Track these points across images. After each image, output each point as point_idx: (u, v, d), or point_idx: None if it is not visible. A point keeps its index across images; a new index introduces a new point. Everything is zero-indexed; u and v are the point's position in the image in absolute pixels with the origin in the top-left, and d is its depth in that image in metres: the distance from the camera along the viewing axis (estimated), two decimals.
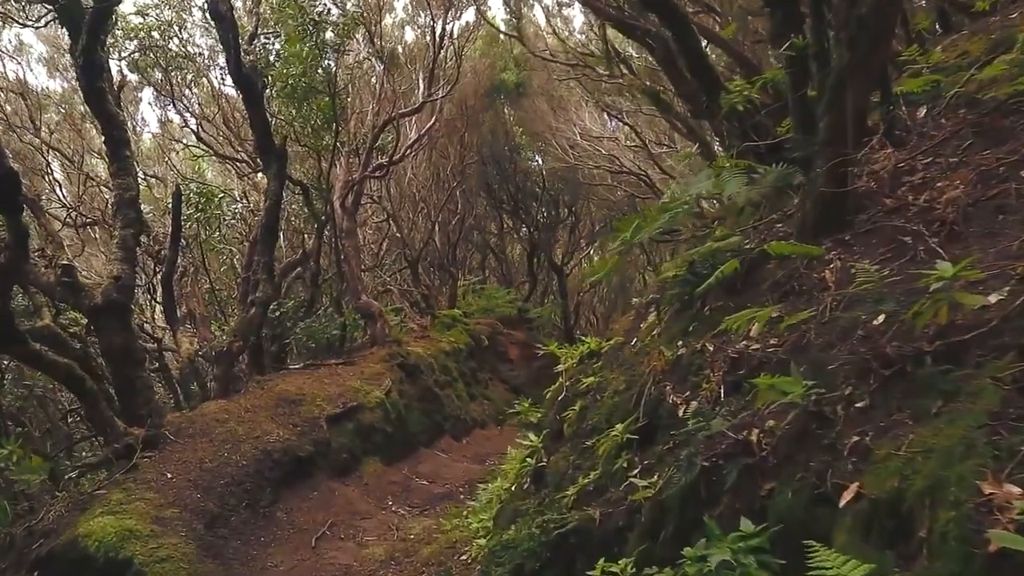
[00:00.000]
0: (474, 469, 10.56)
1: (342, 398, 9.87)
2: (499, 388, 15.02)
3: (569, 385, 6.66)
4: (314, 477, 8.90)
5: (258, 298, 10.06)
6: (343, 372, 10.62)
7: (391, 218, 14.57)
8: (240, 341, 9.80)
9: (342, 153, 12.04)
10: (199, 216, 12.89)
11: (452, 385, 12.59)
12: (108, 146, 9.14)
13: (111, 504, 6.99)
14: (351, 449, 9.53)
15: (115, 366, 8.58)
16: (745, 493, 3.18)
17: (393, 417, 10.32)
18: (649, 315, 6.33)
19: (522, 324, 17.58)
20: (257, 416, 9.05)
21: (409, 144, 12.90)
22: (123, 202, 9.01)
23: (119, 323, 8.50)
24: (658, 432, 4.33)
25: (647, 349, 5.54)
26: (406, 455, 10.47)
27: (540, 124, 17.57)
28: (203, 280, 13.71)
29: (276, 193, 10.03)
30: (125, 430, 8.02)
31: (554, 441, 6.37)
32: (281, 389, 9.73)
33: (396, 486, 9.48)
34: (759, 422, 3.24)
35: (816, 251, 3.88)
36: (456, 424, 12.12)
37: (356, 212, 12.44)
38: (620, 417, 4.83)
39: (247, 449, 8.43)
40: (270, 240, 10.26)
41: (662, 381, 4.61)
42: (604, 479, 4.54)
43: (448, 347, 12.97)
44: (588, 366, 6.63)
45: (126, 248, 8.89)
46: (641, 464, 4.21)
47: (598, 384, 5.98)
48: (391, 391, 10.49)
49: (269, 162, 10.03)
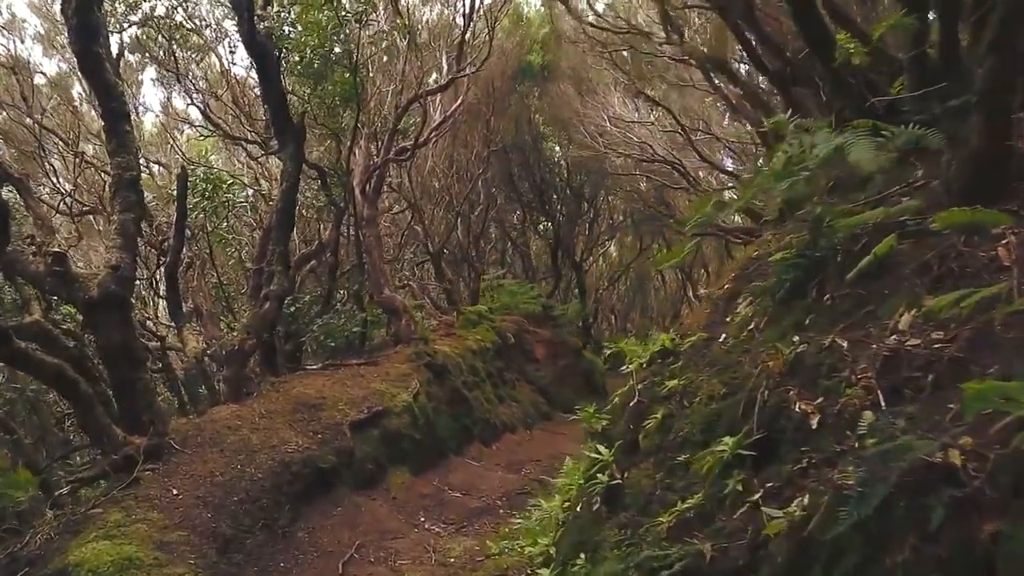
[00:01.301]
0: (510, 479, 9.58)
1: (366, 402, 8.89)
2: (525, 389, 14.04)
3: (642, 389, 5.70)
4: (337, 491, 7.93)
5: (273, 291, 9.09)
6: (366, 373, 9.64)
7: (412, 208, 13.58)
8: (253, 338, 8.83)
9: (362, 135, 11.05)
10: (205, 205, 11.92)
11: (480, 386, 11.61)
12: (106, 120, 8.16)
13: (108, 526, 6.04)
14: (377, 458, 8.55)
15: (113, 367, 7.60)
16: (951, 536, 2.27)
17: (421, 422, 9.34)
18: (737, 306, 5.37)
19: (546, 322, 16.59)
20: (273, 422, 8.09)
21: (434, 126, 11.89)
22: (122, 183, 8.02)
23: (118, 318, 7.52)
24: (781, 447, 3.40)
25: (744, 346, 4.58)
26: (436, 464, 9.49)
27: (566, 110, 16.56)
28: (210, 274, 12.75)
29: (293, 175, 9.06)
30: (124, 439, 7.06)
31: (628, 455, 5.42)
32: (299, 392, 8.76)
33: (428, 500, 8.49)
34: (959, 441, 2.34)
35: (1006, 219, 2.93)
36: (485, 428, 11.13)
37: (378, 199, 11.47)
38: (724, 428, 3.92)
39: (263, 460, 7.47)
40: (286, 227, 9.28)
41: (781, 385, 3.65)
42: (709, 504, 3.61)
43: (475, 346, 11.98)
44: (664, 367, 5.65)
45: (126, 234, 7.91)
46: (762, 487, 3.27)
47: (684, 388, 5.01)
48: (419, 394, 9.51)
49: (285, 141, 9.05)
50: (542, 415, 13.72)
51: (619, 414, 5.93)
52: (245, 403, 8.45)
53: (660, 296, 29.38)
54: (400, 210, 15.36)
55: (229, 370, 8.63)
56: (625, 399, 5.86)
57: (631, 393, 5.77)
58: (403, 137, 12.21)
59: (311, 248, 11.99)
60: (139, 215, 8.19)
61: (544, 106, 16.85)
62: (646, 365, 5.94)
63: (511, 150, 17.02)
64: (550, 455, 11.20)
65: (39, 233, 8.02)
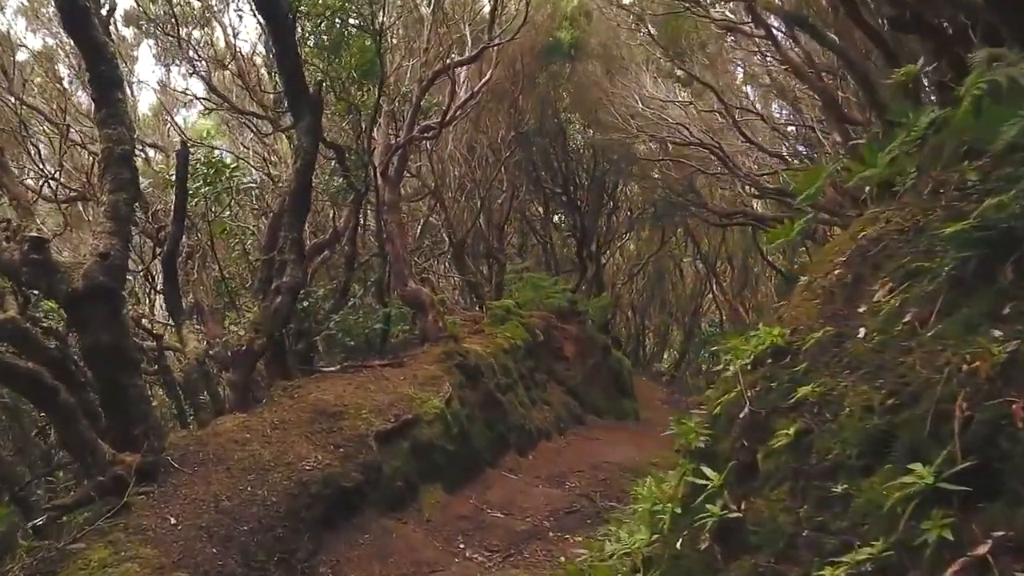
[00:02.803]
0: (554, 495, 8.46)
1: (393, 409, 7.78)
2: (556, 391, 12.91)
3: (755, 397, 4.59)
4: (363, 514, 6.82)
5: (285, 283, 7.97)
6: (391, 376, 8.52)
7: (433, 195, 12.44)
8: (263, 337, 7.71)
9: (383, 111, 9.92)
10: (207, 191, 10.79)
11: (513, 389, 10.49)
12: (95, 86, 7.02)
13: (92, 566, 5.00)
14: (407, 475, 7.44)
15: (101, 371, 6.50)
16: None
17: (455, 431, 8.22)
18: (870, 294, 4.26)
19: (573, 317, 15.44)
20: (287, 435, 6.98)
21: (461, 103, 10.76)
22: (113, 158, 6.91)
23: (107, 315, 6.40)
24: (1004, 479, 2.32)
25: (903, 343, 3.44)
26: (471, 478, 8.38)
27: (594, 91, 15.43)
28: (212, 267, 11.63)
29: (309, 152, 7.94)
30: (113, 457, 5.96)
31: (744, 480, 4.29)
32: (316, 399, 7.65)
33: (466, 522, 7.37)
34: None
35: None
36: (521, 436, 10.02)
37: (400, 182, 10.34)
38: (902, 451, 2.81)
39: (276, 480, 6.37)
40: (300, 211, 8.17)
41: (993, 394, 2.54)
42: (897, 554, 2.52)
43: (507, 344, 10.85)
44: (780, 370, 4.52)
45: (117, 217, 6.80)
46: (988, 535, 2.20)
47: (820, 397, 3.89)
48: (451, 398, 8.39)
49: (300, 113, 7.93)
50: (574, 419, 12.61)
51: (724, 428, 4.85)
52: (254, 412, 7.35)
53: (679, 292, 28.22)
54: (418, 198, 14.23)
55: (235, 373, 7.52)
56: (731, 409, 4.77)
57: (739, 402, 4.67)
58: (424, 117, 11.07)
59: (324, 237, 10.86)
60: (132, 195, 7.06)
61: (571, 87, 15.69)
62: (751, 367, 4.84)
63: (535, 136, 15.90)
64: (591, 465, 10.11)
65: (15, 215, 6.89)
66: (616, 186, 20.09)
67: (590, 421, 13.07)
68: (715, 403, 5.24)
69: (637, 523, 5.62)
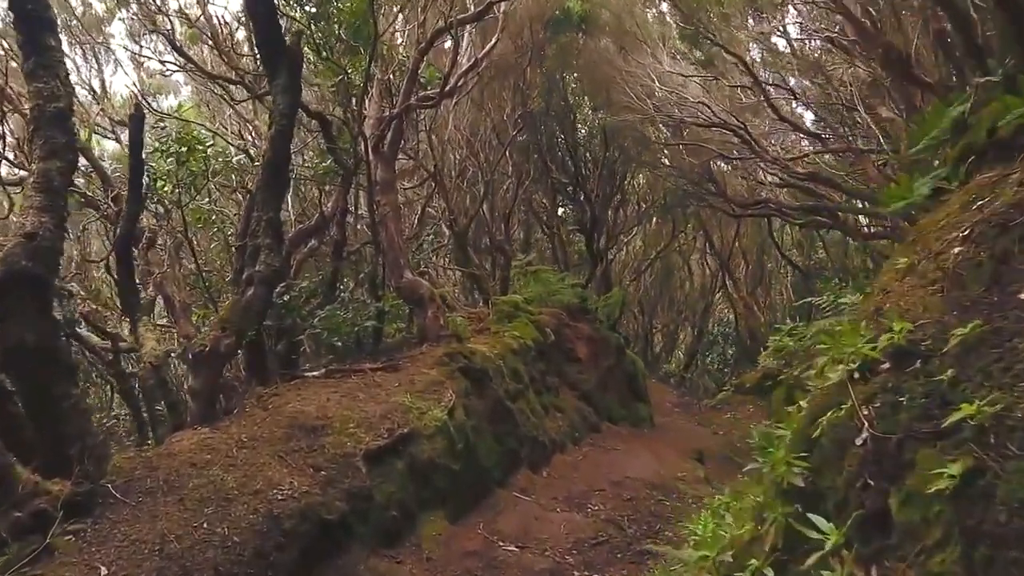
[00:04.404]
0: (576, 522, 7.22)
1: (386, 422, 6.53)
2: (569, 396, 11.68)
3: (875, 416, 3.43)
4: (350, 553, 5.59)
5: (260, 273, 6.72)
6: (384, 382, 7.28)
7: (432, 179, 11.18)
8: (232, 336, 6.45)
9: (376, 79, 8.66)
10: (180, 173, 9.55)
11: (524, 395, 9.25)
12: (20, 29, 5.76)
13: None
14: (403, 502, 6.20)
15: (26, 378, 5.25)
16: None
17: (460, 447, 6.98)
18: None
19: (583, 315, 14.20)
20: (257, 455, 5.74)
21: (463, 71, 9.49)
22: (45, 119, 5.66)
23: (33, 308, 5.15)
24: None
25: None
26: (478, 502, 7.14)
27: (606, 68, 14.18)
28: (187, 259, 10.39)
29: (286, 114, 6.69)
30: (36, 486, 4.73)
31: (871, 535, 3.19)
32: (294, 409, 6.40)
33: (474, 559, 6.12)
34: None
35: None
36: (534, 449, 8.78)
37: (395, 158, 9.08)
38: None
39: (241, 513, 5.14)
40: (276, 186, 6.93)
41: None
42: None
43: (516, 345, 9.60)
44: (910, 378, 3.39)
45: (49, 189, 5.55)
46: None
47: (995, 419, 2.77)
48: (455, 408, 7.15)
49: (276, 68, 6.68)
50: (589, 427, 11.39)
51: (831, 458, 3.64)
52: (219, 426, 6.10)
53: (688, 289, 27.02)
54: (415, 184, 12.97)
55: (198, 380, 6.27)
56: (839, 431, 3.58)
57: (850, 422, 3.48)
58: (423, 89, 9.82)
59: (310, 223, 9.61)
60: (68, 163, 5.78)
61: (581, 64, 14.43)
62: (858, 375, 3.66)
63: (542, 119, 14.66)
64: (613, 482, 8.89)
65: None
66: (625, 177, 18.89)
67: (605, 429, 11.87)
68: (809, 421, 4.05)
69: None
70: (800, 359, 14.09)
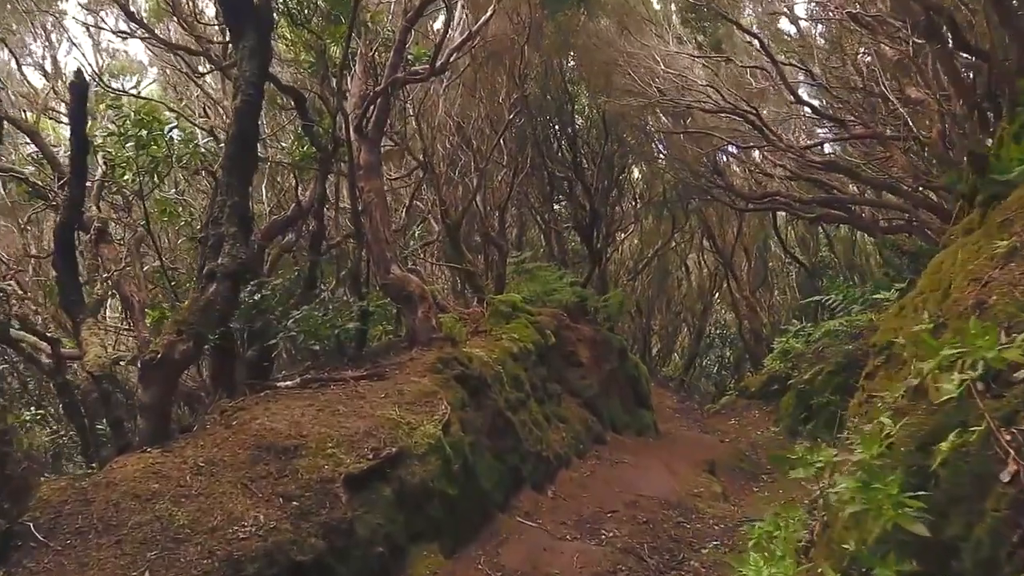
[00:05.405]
0: (590, 552, 6.27)
1: (371, 440, 5.56)
2: (571, 403, 10.75)
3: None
4: None
5: (223, 267, 5.74)
6: (368, 392, 6.30)
7: (422, 168, 10.22)
8: (189, 340, 5.46)
9: (359, 52, 7.69)
10: (141, 159, 8.55)
11: (525, 405, 8.31)
12: None
13: None
14: (390, 535, 5.23)
15: None
16: None
17: (456, 468, 6.02)
18: None
19: (583, 316, 13.29)
20: (216, 482, 4.77)
21: (456, 45, 8.52)
22: None
23: None
24: None
25: None
26: (478, 531, 6.18)
27: (607, 52, 13.29)
28: (149, 256, 9.39)
29: (253, 83, 5.72)
30: None
31: None
32: (262, 426, 5.42)
33: None
34: None
35: None
36: (537, 466, 7.84)
37: (380, 140, 8.11)
38: None
39: (193, 557, 4.18)
40: (243, 166, 5.95)
41: None
42: None
43: (516, 348, 8.65)
44: None
45: None
46: None
47: None
48: (451, 423, 6.19)
49: (242, 28, 5.71)
50: (594, 437, 10.46)
51: (961, 498, 2.79)
52: (172, 448, 5.12)
53: (686, 289, 26.18)
54: (401, 175, 12.01)
55: (147, 392, 5.27)
56: (969, 463, 2.74)
57: (985, 449, 2.64)
58: (410, 66, 8.87)
59: (286, 214, 8.63)
60: None
61: (580, 44, 13.52)
62: (982, 386, 2.81)
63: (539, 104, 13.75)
64: (625, 502, 7.97)
65: None
66: (623, 170, 17.99)
67: (610, 439, 10.96)
68: (916, 446, 3.14)
69: None
70: (808, 362, 13.22)
